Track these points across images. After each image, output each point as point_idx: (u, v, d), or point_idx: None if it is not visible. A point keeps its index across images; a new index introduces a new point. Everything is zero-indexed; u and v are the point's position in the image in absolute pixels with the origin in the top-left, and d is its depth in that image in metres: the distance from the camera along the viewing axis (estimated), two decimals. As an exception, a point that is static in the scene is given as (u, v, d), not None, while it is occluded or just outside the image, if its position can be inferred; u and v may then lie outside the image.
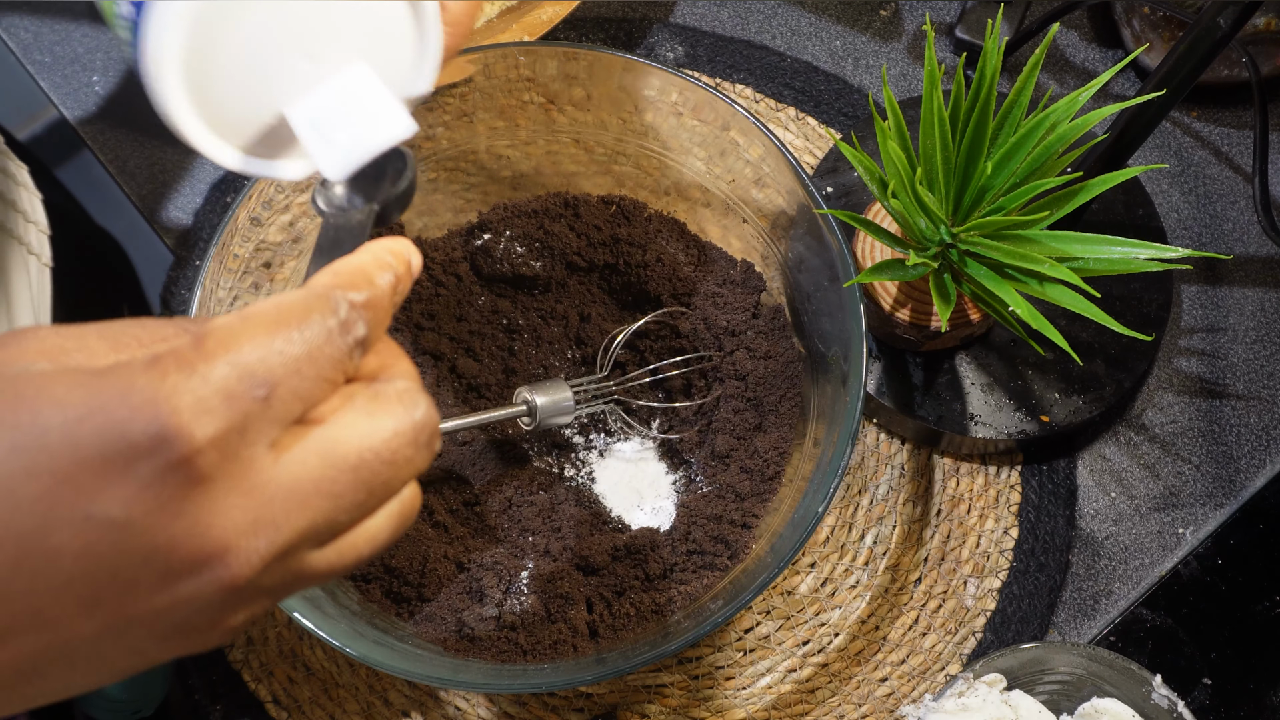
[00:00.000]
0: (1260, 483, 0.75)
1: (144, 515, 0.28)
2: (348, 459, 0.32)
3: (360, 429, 0.32)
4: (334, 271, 0.35)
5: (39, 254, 0.70)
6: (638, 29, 0.87)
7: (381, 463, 0.32)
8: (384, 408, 0.33)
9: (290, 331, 0.31)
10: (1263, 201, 0.76)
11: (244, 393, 0.29)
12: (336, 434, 0.32)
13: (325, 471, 0.31)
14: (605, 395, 0.71)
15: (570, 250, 0.74)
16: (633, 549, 0.67)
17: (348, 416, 0.32)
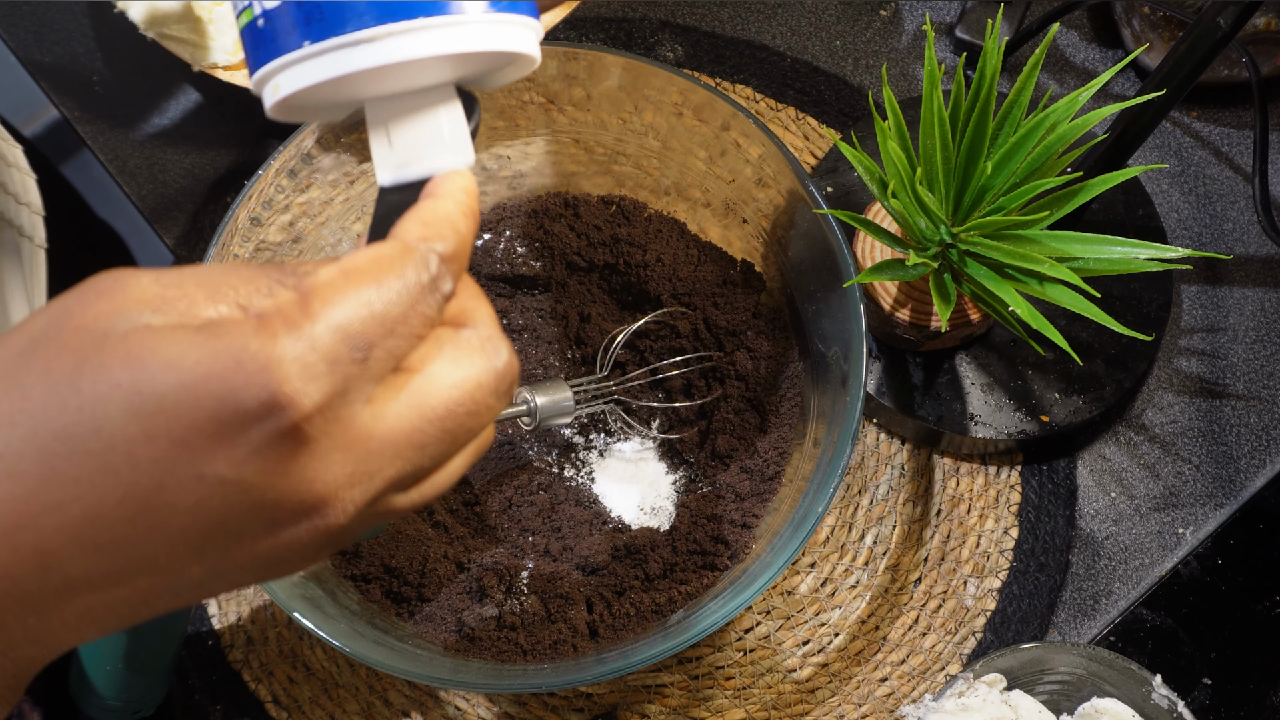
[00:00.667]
0: (1260, 483, 0.75)
1: (253, 474, 0.30)
2: (436, 410, 0.33)
3: (447, 380, 0.33)
4: (422, 221, 0.35)
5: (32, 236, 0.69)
6: (638, 29, 0.87)
7: (466, 412, 0.34)
8: (469, 357, 0.34)
9: (387, 291, 0.32)
10: (1263, 201, 0.76)
11: (346, 355, 0.31)
12: (426, 386, 0.33)
13: (416, 423, 0.33)
14: (605, 395, 0.71)
15: (570, 250, 0.74)
16: (633, 549, 0.67)
17: (435, 367, 0.33)
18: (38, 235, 0.69)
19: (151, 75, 0.85)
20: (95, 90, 0.85)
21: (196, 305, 0.31)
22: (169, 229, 0.82)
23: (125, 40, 0.85)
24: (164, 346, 0.29)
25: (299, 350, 0.30)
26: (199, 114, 0.84)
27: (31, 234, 0.68)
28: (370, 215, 0.70)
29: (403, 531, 0.66)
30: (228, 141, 0.84)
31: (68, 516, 0.29)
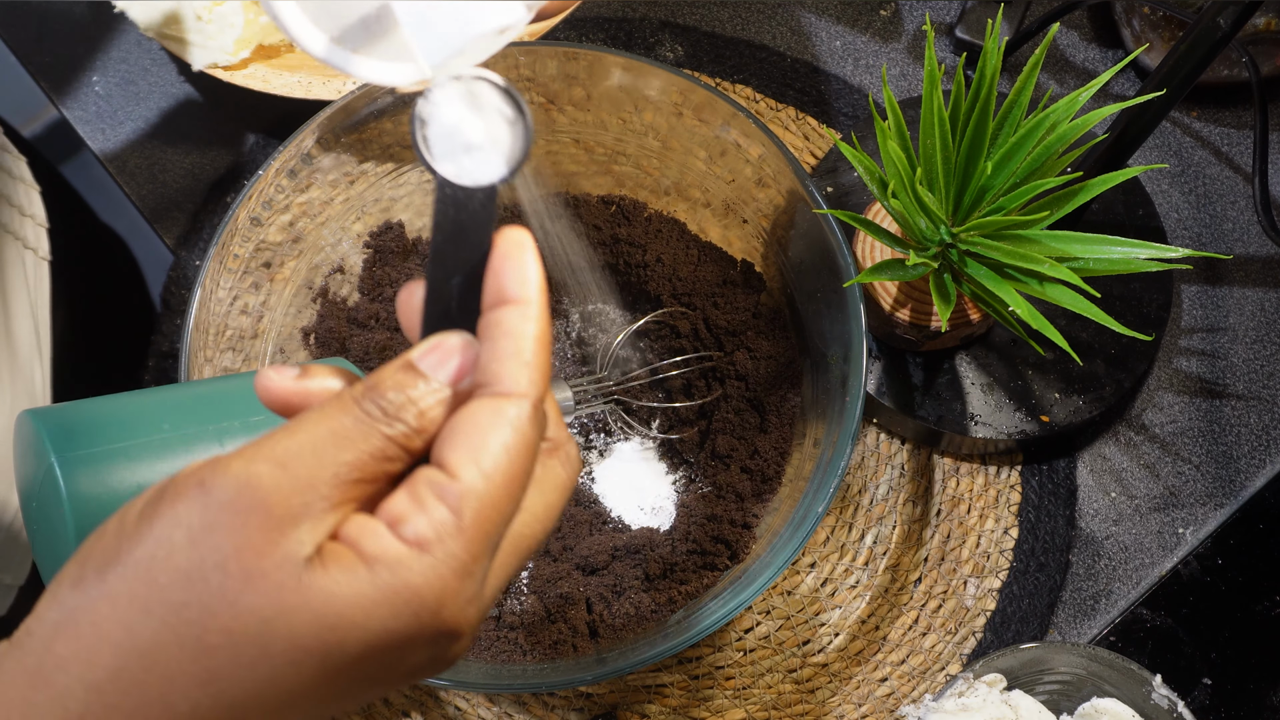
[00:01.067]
0: (1260, 483, 0.75)
1: (413, 674, 0.34)
2: (530, 542, 0.35)
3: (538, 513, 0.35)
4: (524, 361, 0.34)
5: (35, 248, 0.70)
6: (638, 29, 0.87)
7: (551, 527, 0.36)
8: (552, 480, 0.36)
9: (518, 480, 0.33)
10: (1263, 201, 0.76)
11: (488, 559, 0.33)
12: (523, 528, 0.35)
13: (516, 560, 0.35)
14: (605, 395, 0.71)
15: (570, 250, 0.74)
16: (633, 549, 0.67)
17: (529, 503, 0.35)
18: (41, 248, 0.69)
19: (151, 75, 0.85)
20: (95, 90, 0.85)
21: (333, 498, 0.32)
22: (169, 229, 0.82)
23: (125, 40, 0.86)
24: (345, 607, 0.31)
25: (461, 584, 0.32)
26: (199, 114, 0.84)
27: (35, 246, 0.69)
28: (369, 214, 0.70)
29: (403, 531, 0.66)
30: (228, 141, 0.84)
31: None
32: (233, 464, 0.31)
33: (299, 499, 0.31)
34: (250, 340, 0.67)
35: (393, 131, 0.70)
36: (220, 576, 0.30)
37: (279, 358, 0.69)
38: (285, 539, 0.31)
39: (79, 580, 0.31)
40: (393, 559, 0.31)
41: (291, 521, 0.31)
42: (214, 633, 0.30)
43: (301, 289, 0.70)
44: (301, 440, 0.32)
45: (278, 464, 0.31)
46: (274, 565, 0.30)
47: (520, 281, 0.35)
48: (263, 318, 0.68)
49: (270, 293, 0.68)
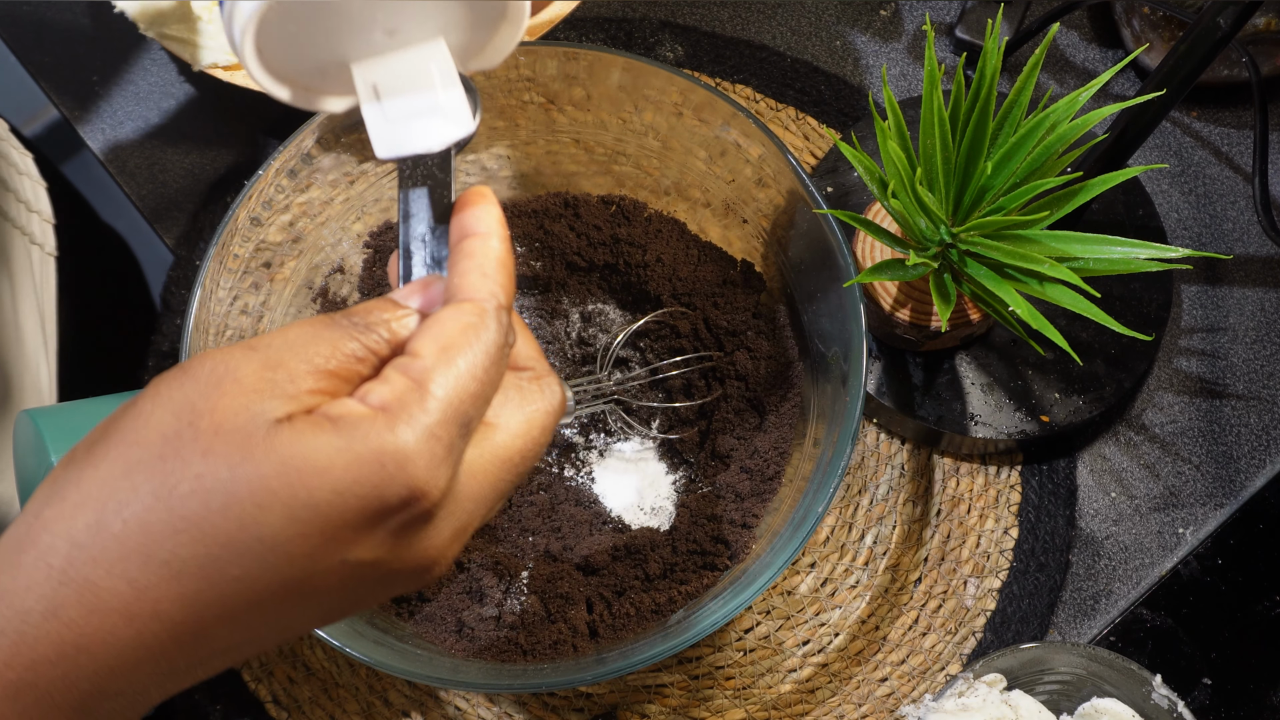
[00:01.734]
0: (1260, 483, 0.75)
1: (386, 553, 0.34)
2: (513, 458, 0.37)
3: (518, 428, 0.37)
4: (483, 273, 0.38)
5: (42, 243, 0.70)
6: (638, 29, 0.87)
7: (534, 453, 0.38)
8: (531, 401, 0.38)
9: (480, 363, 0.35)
10: (1263, 201, 0.76)
11: (458, 434, 0.34)
12: (503, 438, 0.37)
13: (499, 474, 0.36)
14: (605, 395, 0.71)
15: (570, 250, 0.74)
16: (633, 549, 0.67)
17: (506, 417, 0.37)
18: (48, 243, 0.69)
19: (151, 75, 0.85)
20: (95, 90, 0.85)
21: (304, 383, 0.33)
22: (169, 229, 0.82)
23: (125, 40, 0.85)
24: (311, 453, 0.32)
25: (428, 445, 0.33)
26: (199, 114, 0.84)
27: (42, 242, 0.69)
28: (369, 214, 0.70)
29: (403, 531, 0.66)
30: (228, 141, 0.84)
31: (228, 607, 0.32)
32: (211, 352, 0.34)
33: (271, 376, 0.33)
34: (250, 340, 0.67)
35: (393, 131, 0.70)
36: (193, 431, 0.32)
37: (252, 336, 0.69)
38: (256, 403, 0.32)
39: (69, 460, 0.33)
40: (358, 419, 0.33)
41: (262, 391, 0.33)
42: (185, 481, 0.31)
43: (301, 289, 0.70)
44: (278, 336, 0.34)
45: (253, 350, 0.33)
46: (244, 421, 0.32)
47: (479, 219, 0.38)
48: (263, 318, 0.68)
49: (270, 293, 0.68)
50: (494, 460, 0.36)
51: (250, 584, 0.32)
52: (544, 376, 0.39)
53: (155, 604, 0.31)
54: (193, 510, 0.31)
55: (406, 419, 0.33)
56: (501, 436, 0.37)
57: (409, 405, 0.33)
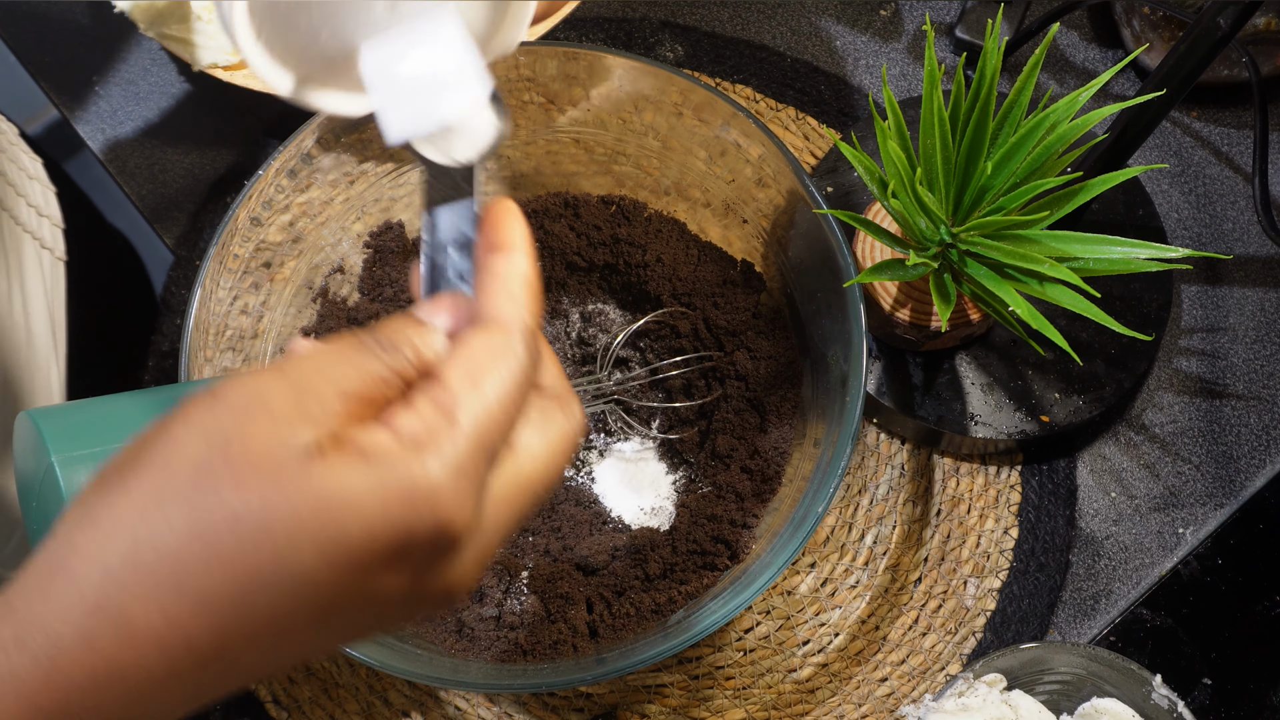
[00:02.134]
0: (1260, 483, 0.75)
1: (412, 584, 0.34)
2: (533, 483, 0.37)
3: (539, 452, 0.37)
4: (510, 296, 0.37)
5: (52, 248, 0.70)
6: (638, 29, 0.87)
7: (555, 476, 0.38)
8: (552, 423, 0.38)
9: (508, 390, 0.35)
10: (1263, 201, 0.76)
11: (484, 465, 0.35)
12: (524, 463, 0.37)
13: (519, 500, 0.37)
14: (605, 395, 0.71)
15: (570, 250, 0.74)
16: (633, 549, 0.67)
17: (526, 439, 0.37)
18: (58, 248, 0.69)
19: (151, 75, 0.85)
20: (95, 90, 0.85)
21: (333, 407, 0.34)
22: (169, 229, 0.82)
23: (125, 40, 0.85)
24: (343, 489, 0.32)
25: (456, 481, 0.33)
26: (199, 114, 0.84)
27: (52, 246, 0.69)
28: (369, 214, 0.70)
29: (403, 531, 0.66)
30: (228, 141, 0.84)
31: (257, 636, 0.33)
32: (240, 376, 0.34)
33: (300, 402, 0.33)
34: (250, 340, 0.67)
35: (393, 131, 0.70)
36: (225, 463, 0.32)
37: (279, 358, 0.69)
38: (286, 431, 0.32)
39: (99, 484, 0.33)
40: (389, 454, 0.33)
41: (293, 419, 0.33)
42: (219, 513, 0.31)
43: (301, 289, 0.70)
44: (305, 360, 0.34)
45: (281, 374, 0.33)
46: (276, 452, 0.32)
47: (506, 233, 0.38)
48: (263, 318, 0.68)
49: (270, 293, 0.68)
50: (515, 487, 0.36)
51: (279, 614, 0.32)
52: (566, 399, 0.39)
53: (187, 635, 0.32)
54: (226, 544, 0.31)
55: (436, 454, 0.33)
56: (524, 461, 0.37)
57: (438, 439, 0.33)
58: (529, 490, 0.37)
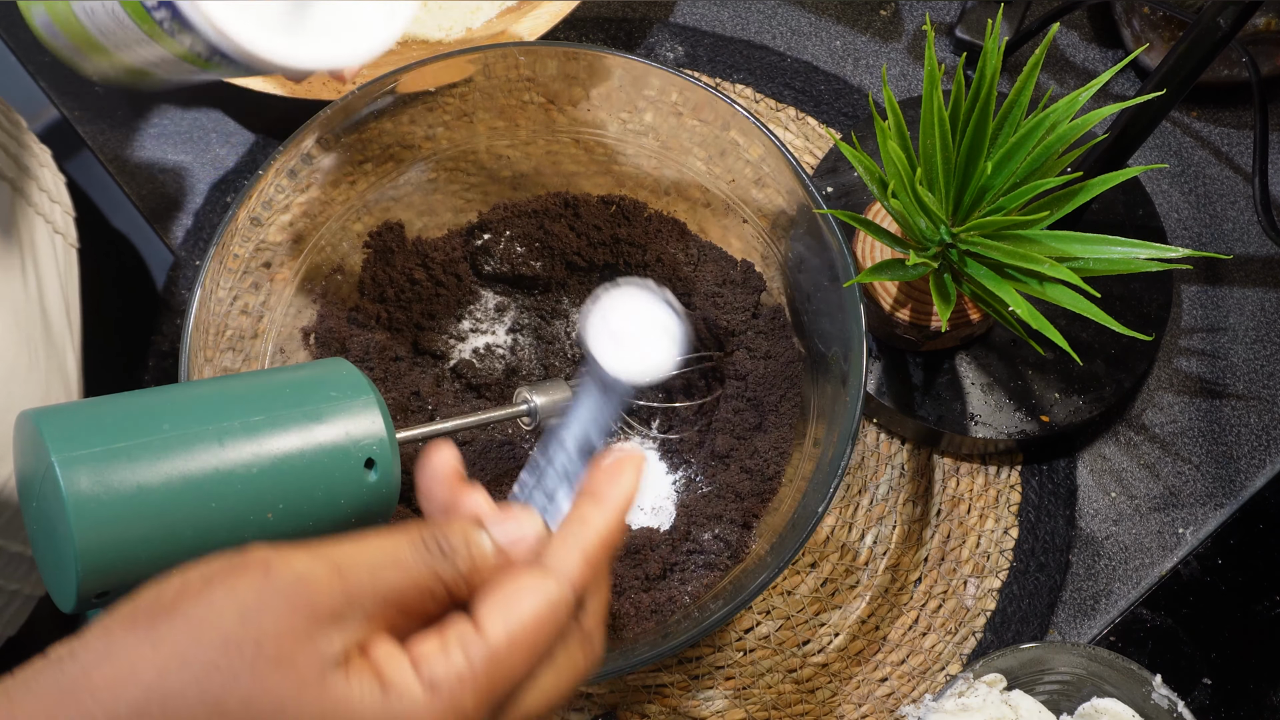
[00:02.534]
0: (1260, 483, 0.75)
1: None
2: (532, 715, 0.37)
3: (547, 688, 0.37)
4: (585, 554, 0.38)
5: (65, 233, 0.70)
6: (638, 29, 0.87)
7: (553, 710, 0.38)
8: (569, 663, 0.38)
9: (537, 654, 0.36)
10: (1263, 201, 0.76)
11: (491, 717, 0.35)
12: (528, 701, 0.37)
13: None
14: (605, 395, 0.71)
15: (570, 250, 0.74)
16: (633, 549, 0.67)
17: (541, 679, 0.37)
18: (70, 234, 0.69)
19: (151, 75, 0.85)
20: (95, 90, 0.85)
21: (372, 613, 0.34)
22: (169, 229, 0.82)
23: (125, 40, 0.85)
24: (352, 715, 0.33)
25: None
26: (199, 114, 0.84)
27: (65, 232, 0.69)
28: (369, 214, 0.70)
29: (403, 531, 0.66)
30: (228, 141, 0.84)
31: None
32: (297, 558, 0.34)
33: (344, 604, 0.34)
34: (250, 340, 0.67)
35: (392, 131, 0.70)
36: (255, 651, 0.33)
37: (279, 358, 0.69)
38: (321, 637, 0.33)
39: (131, 622, 0.34)
40: (406, 690, 0.34)
41: (331, 623, 0.34)
42: (234, 699, 0.32)
43: (301, 289, 0.70)
44: (362, 554, 0.35)
45: (335, 569, 0.34)
46: (305, 657, 0.33)
47: (614, 485, 0.39)
48: (263, 318, 0.68)
49: (270, 293, 0.68)
50: (514, 715, 0.37)
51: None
52: (592, 638, 0.39)
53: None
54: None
55: (449, 704, 0.34)
56: (528, 696, 0.37)
57: (455, 691, 0.34)
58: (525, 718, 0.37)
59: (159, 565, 0.45)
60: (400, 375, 0.72)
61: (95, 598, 0.45)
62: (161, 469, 0.45)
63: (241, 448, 0.47)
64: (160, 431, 0.46)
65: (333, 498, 0.49)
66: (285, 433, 0.48)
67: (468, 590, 0.36)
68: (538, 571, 0.37)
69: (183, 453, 0.45)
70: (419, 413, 0.71)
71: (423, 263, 0.74)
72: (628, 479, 0.40)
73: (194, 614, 0.33)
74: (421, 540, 0.36)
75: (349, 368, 0.52)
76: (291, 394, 0.49)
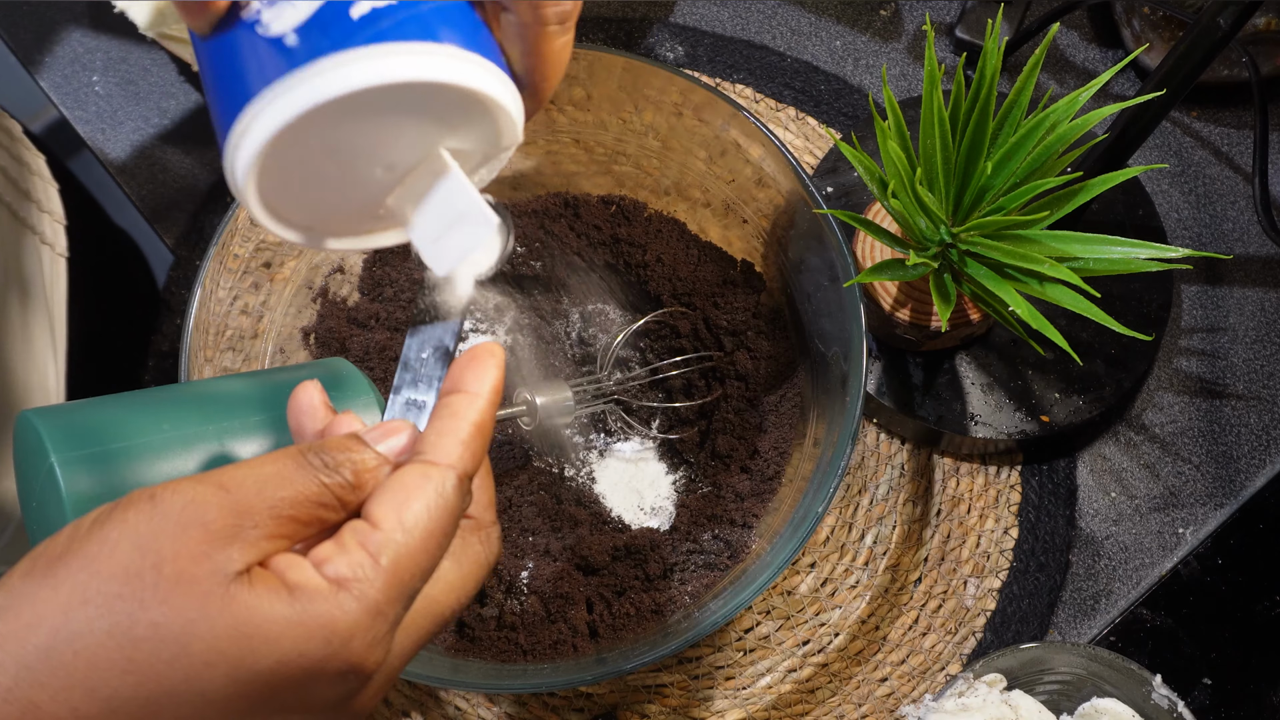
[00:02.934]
0: (1260, 483, 0.75)
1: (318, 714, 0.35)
2: (442, 613, 0.38)
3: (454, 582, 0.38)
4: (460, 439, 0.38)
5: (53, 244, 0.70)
6: (638, 29, 0.87)
7: (463, 606, 0.39)
8: (471, 556, 0.39)
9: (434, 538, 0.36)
10: (1263, 201, 0.76)
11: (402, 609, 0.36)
12: (437, 594, 0.38)
13: (428, 627, 0.38)
14: (605, 395, 0.71)
15: (570, 250, 0.74)
16: (633, 549, 0.67)
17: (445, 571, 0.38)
18: (59, 244, 0.69)
19: (151, 75, 0.85)
20: (95, 90, 0.85)
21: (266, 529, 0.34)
22: (169, 229, 0.82)
23: (125, 40, 0.85)
24: (262, 621, 0.33)
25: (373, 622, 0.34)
26: (199, 114, 0.84)
27: (53, 242, 0.69)
28: None
29: (403, 531, 0.66)
30: (228, 141, 0.84)
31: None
32: (182, 484, 0.34)
33: (236, 520, 0.34)
34: (250, 340, 0.67)
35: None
36: (155, 575, 0.33)
37: (279, 358, 0.69)
38: (218, 553, 0.33)
39: (28, 571, 0.34)
40: (312, 590, 0.34)
41: (226, 539, 0.34)
42: (141, 625, 0.32)
43: (301, 289, 0.70)
44: (247, 473, 0.35)
45: (221, 488, 0.34)
46: (205, 573, 0.33)
47: (477, 378, 0.39)
48: (263, 318, 0.68)
49: (270, 293, 0.68)
50: (425, 615, 0.37)
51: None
52: (487, 527, 0.40)
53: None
54: (143, 656, 0.32)
55: (358, 597, 0.34)
56: (436, 591, 0.38)
57: (361, 582, 0.34)
58: (437, 617, 0.38)
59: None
60: (400, 375, 0.72)
61: (95, 598, 0.45)
62: (161, 469, 0.45)
63: (242, 448, 0.47)
64: (160, 431, 0.46)
65: (333, 498, 0.49)
66: (285, 433, 0.48)
67: (357, 499, 0.37)
68: (420, 464, 0.37)
69: (183, 453, 0.45)
70: (419, 413, 0.71)
71: (420, 266, 0.74)
72: (488, 367, 0.40)
73: (89, 551, 0.33)
74: (304, 456, 0.36)
75: (349, 368, 0.52)
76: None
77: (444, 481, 0.37)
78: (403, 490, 0.36)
